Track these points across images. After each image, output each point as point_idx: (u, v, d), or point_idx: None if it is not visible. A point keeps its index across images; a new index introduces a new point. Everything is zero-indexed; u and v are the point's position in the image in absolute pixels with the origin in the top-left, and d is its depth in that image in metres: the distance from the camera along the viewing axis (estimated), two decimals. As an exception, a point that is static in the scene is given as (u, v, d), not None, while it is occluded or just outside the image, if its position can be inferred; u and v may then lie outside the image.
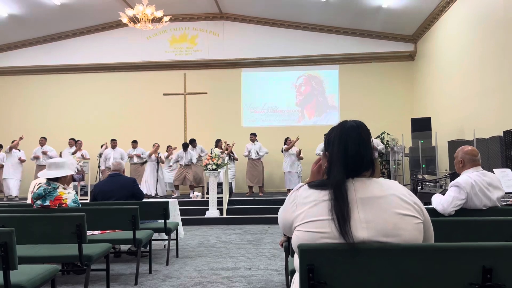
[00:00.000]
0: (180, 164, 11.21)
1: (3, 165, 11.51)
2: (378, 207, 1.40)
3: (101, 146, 11.77)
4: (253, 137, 11.37)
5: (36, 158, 11.56)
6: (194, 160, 11.08)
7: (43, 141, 11.66)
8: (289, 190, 11.07)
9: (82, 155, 11.24)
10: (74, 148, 11.47)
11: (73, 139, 11.76)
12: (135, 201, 4.98)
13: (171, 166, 11.64)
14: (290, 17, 13.05)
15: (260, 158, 11.33)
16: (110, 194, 5.08)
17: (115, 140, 11.66)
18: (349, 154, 1.47)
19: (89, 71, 13.96)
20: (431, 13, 11.10)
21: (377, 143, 10.51)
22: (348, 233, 1.34)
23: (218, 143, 11.25)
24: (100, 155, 11.50)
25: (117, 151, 11.48)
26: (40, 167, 10.92)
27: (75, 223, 3.26)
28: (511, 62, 7.52)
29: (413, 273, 1.35)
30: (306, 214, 1.43)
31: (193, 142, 11.51)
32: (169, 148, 11.85)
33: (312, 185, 1.49)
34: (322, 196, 1.43)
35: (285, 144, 11.32)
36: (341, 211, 1.36)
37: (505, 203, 3.82)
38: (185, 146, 11.23)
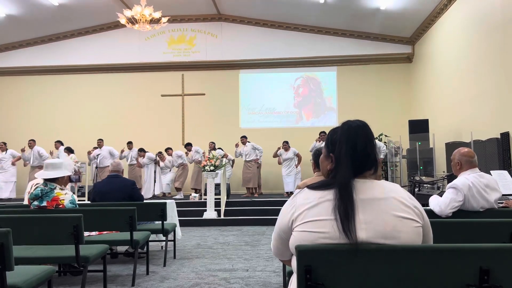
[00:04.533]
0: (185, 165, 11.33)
1: None
2: (378, 209, 1.39)
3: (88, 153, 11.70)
4: (243, 139, 11.37)
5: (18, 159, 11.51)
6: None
7: (31, 143, 11.53)
8: (287, 193, 11.06)
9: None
10: (61, 149, 11.38)
11: (60, 142, 11.72)
12: (132, 202, 4.96)
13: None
14: (288, 18, 13.07)
15: (255, 159, 11.27)
16: (108, 195, 5.07)
17: (101, 139, 11.62)
18: (357, 153, 1.47)
19: (87, 72, 13.95)
20: (428, 15, 11.14)
21: (380, 146, 10.51)
22: (352, 233, 1.33)
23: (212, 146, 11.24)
24: (95, 156, 11.44)
25: (104, 149, 11.44)
26: (34, 169, 10.86)
27: (72, 224, 3.24)
28: (508, 64, 7.54)
29: (410, 274, 1.35)
30: (306, 214, 1.42)
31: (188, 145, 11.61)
32: (168, 150, 11.79)
33: (312, 187, 1.48)
34: (323, 196, 1.42)
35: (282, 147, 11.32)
36: (345, 210, 1.36)
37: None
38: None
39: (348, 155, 1.46)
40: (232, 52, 13.58)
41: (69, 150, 11.27)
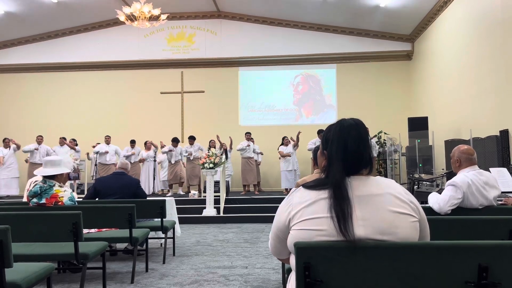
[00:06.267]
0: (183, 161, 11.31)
1: None
2: (375, 205, 1.40)
3: (93, 147, 11.68)
4: (248, 135, 11.40)
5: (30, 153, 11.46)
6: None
7: (40, 140, 11.58)
8: (286, 190, 11.07)
9: (75, 150, 11.24)
10: (65, 147, 11.37)
11: (64, 138, 11.69)
12: (131, 199, 4.97)
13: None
14: (287, 16, 13.05)
15: (254, 157, 11.35)
16: (113, 191, 5.09)
17: (109, 136, 11.63)
18: (348, 153, 1.46)
19: (86, 69, 13.92)
20: (428, 12, 11.12)
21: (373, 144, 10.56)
22: (349, 231, 1.34)
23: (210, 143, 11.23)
24: (97, 153, 11.42)
25: (111, 147, 11.46)
26: (34, 165, 10.85)
27: (71, 221, 3.24)
28: (508, 62, 7.54)
29: (409, 271, 1.35)
30: (303, 213, 1.43)
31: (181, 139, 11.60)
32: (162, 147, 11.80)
33: (308, 186, 1.48)
34: (319, 195, 1.43)
35: (282, 143, 11.31)
36: (341, 209, 1.36)
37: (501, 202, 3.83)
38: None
39: (339, 155, 1.46)
40: (231, 49, 13.56)
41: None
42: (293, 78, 13.75)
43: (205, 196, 9.21)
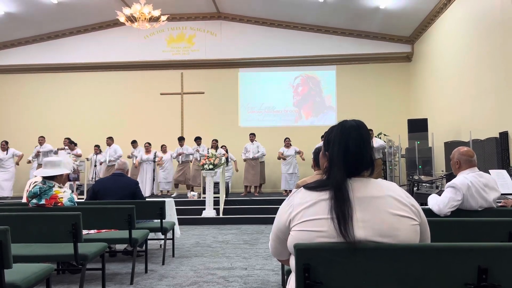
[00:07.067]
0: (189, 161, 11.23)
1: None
2: (375, 207, 1.40)
3: (95, 148, 11.67)
4: (252, 137, 11.39)
5: (37, 156, 11.48)
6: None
7: (42, 140, 11.60)
8: (285, 191, 11.07)
9: (76, 154, 11.21)
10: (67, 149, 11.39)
11: (68, 139, 11.68)
12: (131, 201, 4.97)
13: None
14: (287, 17, 13.07)
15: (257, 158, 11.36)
16: (111, 192, 5.09)
17: (111, 137, 11.61)
18: (349, 154, 1.46)
19: (86, 70, 13.93)
20: (428, 14, 11.14)
21: (377, 142, 10.52)
22: (348, 233, 1.34)
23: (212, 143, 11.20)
24: (99, 152, 11.40)
25: (112, 147, 11.45)
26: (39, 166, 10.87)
27: (70, 222, 3.24)
28: (507, 63, 7.55)
29: (409, 273, 1.35)
30: (303, 214, 1.43)
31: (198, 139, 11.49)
32: (163, 148, 11.78)
33: (309, 187, 1.48)
34: (320, 196, 1.43)
35: (284, 144, 11.31)
36: (341, 211, 1.36)
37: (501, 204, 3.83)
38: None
39: (340, 156, 1.46)
40: (231, 50, 13.57)
41: (72, 143, 11.34)
42: (293, 80, 13.76)
43: (204, 197, 9.21)
